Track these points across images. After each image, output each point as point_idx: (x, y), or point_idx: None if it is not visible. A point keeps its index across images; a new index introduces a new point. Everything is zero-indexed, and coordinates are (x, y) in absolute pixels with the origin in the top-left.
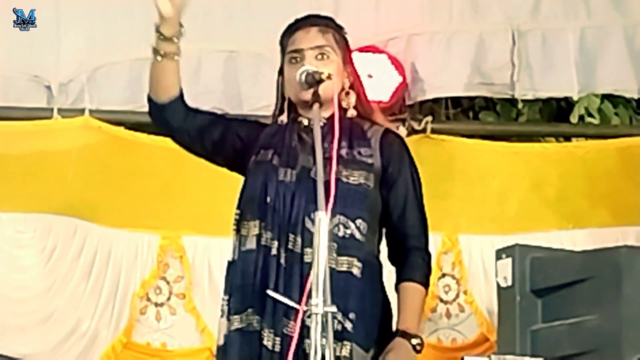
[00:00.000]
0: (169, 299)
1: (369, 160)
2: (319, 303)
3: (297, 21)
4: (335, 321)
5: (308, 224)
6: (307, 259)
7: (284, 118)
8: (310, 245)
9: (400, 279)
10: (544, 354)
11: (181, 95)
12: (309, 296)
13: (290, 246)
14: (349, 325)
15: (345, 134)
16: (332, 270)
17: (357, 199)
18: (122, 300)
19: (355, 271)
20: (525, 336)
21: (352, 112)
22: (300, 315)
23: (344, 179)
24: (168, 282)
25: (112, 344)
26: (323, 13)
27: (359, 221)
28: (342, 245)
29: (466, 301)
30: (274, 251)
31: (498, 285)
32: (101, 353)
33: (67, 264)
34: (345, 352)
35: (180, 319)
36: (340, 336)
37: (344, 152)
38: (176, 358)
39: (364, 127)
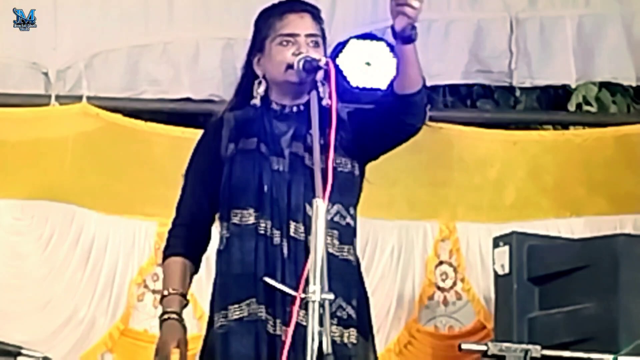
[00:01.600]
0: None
1: (350, 143)
2: (316, 290)
3: (286, 2)
4: (341, 309)
5: (309, 211)
6: (310, 245)
7: (257, 102)
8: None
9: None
10: (541, 342)
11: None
12: (307, 283)
13: (292, 234)
14: (352, 313)
15: (326, 120)
16: (335, 257)
17: (349, 187)
18: (119, 287)
19: (352, 259)
20: (522, 324)
21: (327, 101)
22: (297, 302)
23: (338, 168)
24: None
25: (109, 331)
26: (322, 2)
27: (351, 209)
28: (342, 233)
29: (463, 289)
30: (276, 240)
31: (495, 273)
32: (98, 340)
33: (64, 251)
34: (352, 338)
35: None
36: (345, 323)
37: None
38: None
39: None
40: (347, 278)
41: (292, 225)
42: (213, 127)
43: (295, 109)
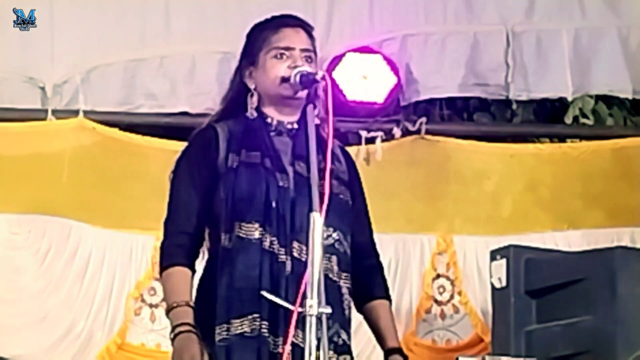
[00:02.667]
0: (163, 299)
1: (345, 177)
2: (313, 304)
3: (281, 17)
4: (336, 335)
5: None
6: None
7: (253, 113)
8: None
9: (368, 298)
10: (538, 355)
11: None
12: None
13: (295, 254)
14: (347, 339)
15: (320, 146)
16: (335, 284)
17: (346, 215)
18: (116, 301)
19: (349, 285)
20: (520, 337)
21: (317, 121)
22: (294, 317)
23: (340, 195)
24: None
25: (106, 345)
26: (318, 15)
27: (348, 237)
28: (341, 260)
29: (461, 302)
30: (282, 258)
31: (492, 286)
32: (96, 354)
33: (61, 265)
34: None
35: None
36: (341, 349)
37: (330, 165)
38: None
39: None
40: (343, 305)
41: (296, 245)
42: (205, 136)
43: (289, 126)
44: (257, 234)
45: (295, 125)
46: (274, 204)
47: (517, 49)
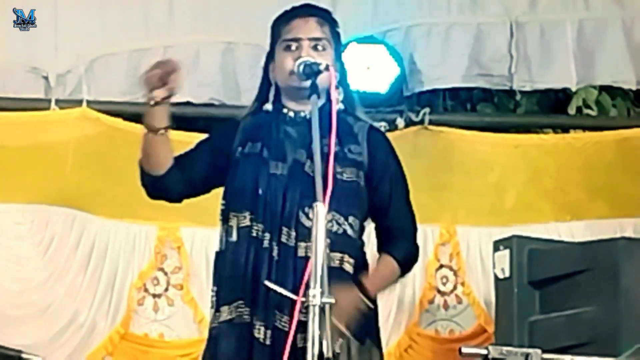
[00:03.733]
0: (166, 290)
1: (359, 158)
2: (316, 294)
3: (294, 8)
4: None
5: (302, 218)
6: (300, 253)
7: (269, 107)
8: (304, 239)
9: (381, 250)
10: (541, 346)
11: (175, 160)
12: (307, 287)
13: (283, 240)
14: None
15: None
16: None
17: (350, 196)
18: (119, 291)
19: (347, 267)
20: (523, 327)
21: (340, 106)
22: (298, 307)
23: (338, 176)
24: (166, 273)
25: (109, 335)
26: (322, 4)
27: (351, 218)
28: (335, 241)
29: (464, 292)
30: (265, 244)
31: (496, 276)
32: (99, 344)
33: (65, 255)
34: (337, 348)
35: (177, 310)
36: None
37: (336, 148)
38: (174, 349)
39: (350, 122)
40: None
41: (284, 230)
42: (225, 127)
43: (305, 114)
44: (247, 223)
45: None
46: (260, 192)
47: (521, 39)
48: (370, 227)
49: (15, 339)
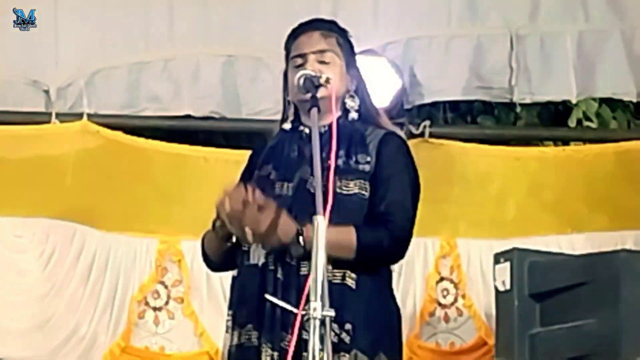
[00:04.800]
0: (167, 303)
1: (366, 168)
2: (317, 307)
3: (300, 25)
4: (332, 333)
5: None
6: (303, 271)
7: (287, 126)
8: (306, 258)
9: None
10: (542, 358)
11: None
12: (307, 301)
13: (287, 259)
14: (345, 336)
15: (344, 142)
16: (328, 282)
17: (352, 210)
18: (120, 304)
19: (350, 282)
20: (524, 340)
21: (353, 115)
22: (298, 320)
23: (338, 190)
24: (166, 287)
25: (110, 348)
26: (322, 17)
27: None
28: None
29: (464, 305)
30: (271, 266)
31: (496, 289)
32: (99, 357)
33: (65, 268)
34: None
35: (178, 323)
36: (337, 348)
37: (340, 161)
38: None
39: (365, 132)
40: (340, 302)
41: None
42: (252, 152)
43: (320, 130)
44: (254, 246)
45: (326, 128)
46: None
47: (521, 52)
48: None
49: (15, 352)
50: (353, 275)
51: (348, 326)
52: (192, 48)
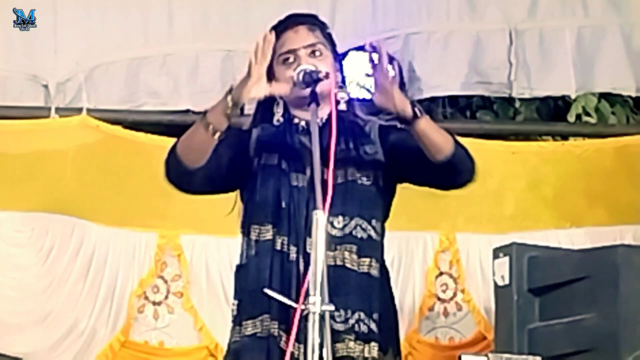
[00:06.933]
0: (166, 297)
1: (376, 157)
2: (316, 301)
3: (280, 22)
4: (361, 323)
5: (326, 226)
6: (327, 262)
7: (280, 118)
8: (329, 248)
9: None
10: (541, 353)
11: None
12: (307, 295)
13: (308, 250)
14: (374, 326)
15: (348, 134)
16: (354, 272)
17: (371, 200)
18: (119, 298)
19: (374, 272)
20: (523, 335)
21: (342, 107)
22: (298, 314)
23: (358, 181)
24: (166, 281)
25: (109, 343)
26: (320, 14)
27: (374, 221)
28: (361, 246)
29: (464, 300)
30: (292, 256)
31: (495, 283)
32: (99, 352)
33: (64, 263)
34: (374, 352)
35: (178, 318)
36: (366, 337)
37: (353, 153)
38: (174, 356)
39: (360, 123)
40: (367, 291)
41: (308, 241)
42: (240, 133)
43: (317, 122)
44: (269, 236)
45: (324, 121)
46: (283, 204)
47: (520, 47)
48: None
49: (15, 347)
50: (376, 264)
51: (376, 316)
52: (191, 43)
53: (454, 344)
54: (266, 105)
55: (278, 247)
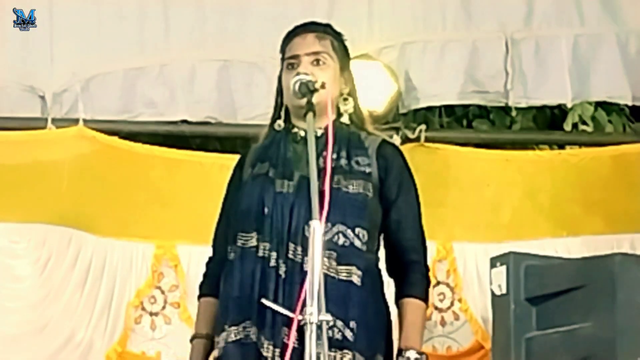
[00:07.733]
0: (163, 308)
1: (367, 170)
2: (313, 312)
3: (296, 28)
4: (336, 330)
5: (307, 233)
6: (307, 267)
7: (280, 123)
8: (308, 254)
9: (400, 295)
10: None
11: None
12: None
13: (290, 256)
14: (349, 334)
15: (343, 143)
16: (332, 279)
17: (356, 208)
18: (116, 309)
19: (355, 279)
20: (520, 344)
21: (346, 119)
22: (295, 324)
23: (343, 189)
24: (163, 292)
25: (107, 354)
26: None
27: (358, 229)
28: (341, 253)
29: (461, 309)
30: (272, 262)
31: (492, 293)
32: None
33: (61, 274)
34: None
35: (175, 328)
36: (340, 345)
37: (343, 162)
38: None
39: (361, 135)
40: (346, 299)
41: (291, 246)
42: (242, 156)
43: (316, 132)
44: (253, 243)
45: (323, 131)
46: (266, 210)
47: (516, 56)
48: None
49: (11, 358)
50: (358, 272)
51: (353, 324)
52: (188, 53)
53: (451, 353)
54: (273, 115)
55: (260, 254)
